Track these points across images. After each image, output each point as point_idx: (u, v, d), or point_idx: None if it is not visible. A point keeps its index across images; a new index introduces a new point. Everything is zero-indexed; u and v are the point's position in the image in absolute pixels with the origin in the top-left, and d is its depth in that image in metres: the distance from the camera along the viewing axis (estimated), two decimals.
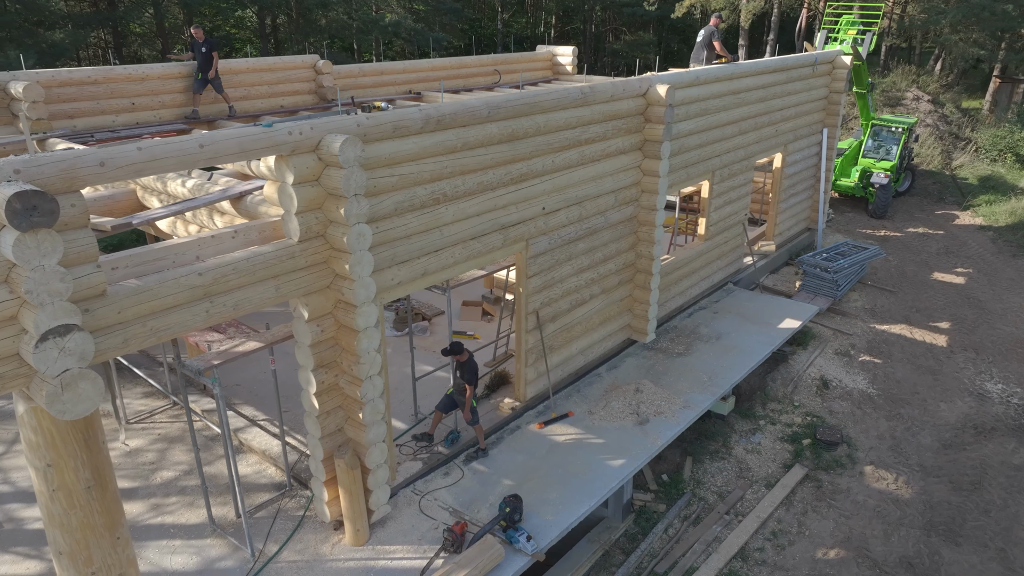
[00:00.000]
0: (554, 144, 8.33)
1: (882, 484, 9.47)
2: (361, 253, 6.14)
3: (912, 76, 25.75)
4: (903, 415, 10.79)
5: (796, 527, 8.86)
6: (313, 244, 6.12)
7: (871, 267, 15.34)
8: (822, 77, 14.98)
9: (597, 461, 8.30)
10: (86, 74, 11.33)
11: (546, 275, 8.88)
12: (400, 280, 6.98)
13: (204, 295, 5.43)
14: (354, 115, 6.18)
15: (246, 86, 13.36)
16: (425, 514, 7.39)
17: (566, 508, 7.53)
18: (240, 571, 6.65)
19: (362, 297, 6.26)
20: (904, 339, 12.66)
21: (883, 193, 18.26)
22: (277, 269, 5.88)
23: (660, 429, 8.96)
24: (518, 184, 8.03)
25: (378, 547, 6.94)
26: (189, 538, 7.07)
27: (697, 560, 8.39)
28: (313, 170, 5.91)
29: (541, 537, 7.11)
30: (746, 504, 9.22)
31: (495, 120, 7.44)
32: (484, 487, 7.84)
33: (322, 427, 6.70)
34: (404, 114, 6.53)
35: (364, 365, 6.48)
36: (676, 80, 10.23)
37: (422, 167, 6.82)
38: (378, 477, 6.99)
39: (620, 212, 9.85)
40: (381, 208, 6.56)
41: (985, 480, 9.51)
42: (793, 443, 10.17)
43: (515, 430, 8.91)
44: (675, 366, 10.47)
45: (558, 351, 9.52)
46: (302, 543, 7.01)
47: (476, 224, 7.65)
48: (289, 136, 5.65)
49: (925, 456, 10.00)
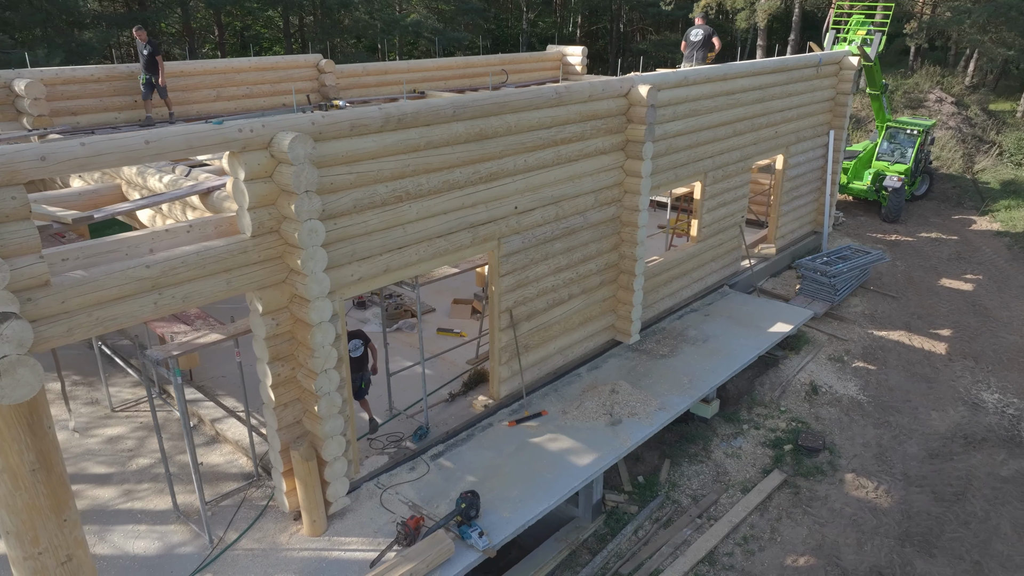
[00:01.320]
0: (527, 143, 8.36)
1: (861, 492, 9.31)
2: (313, 249, 6.26)
3: (937, 77, 25.13)
4: (892, 423, 10.59)
5: (768, 533, 8.76)
6: (267, 239, 6.25)
7: (876, 272, 15.06)
8: (828, 78, 14.75)
9: (563, 460, 8.31)
10: (89, 72, 11.69)
11: (520, 274, 8.91)
12: (361, 276, 7.09)
13: (152, 287, 5.59)
14: (309, 113, 6.30)
15: (249, 84, 13.64)
16: (385, 508, 7.49)
17: (525, 506, 7.56)
18: (198, 557, 6.83)
19: (315, 292, 6.38)
20: (902, 346, 12.41)
21: (896, 196, 17.89)
22: (229, 263, 6.02)
23: (632, 430, 8.94)
24: (488, 183, 8.08)
25: (334, 538, 7.06)
26: (154, 524, 7.27)
27: (664, 563, 8.35)
28: (266, 167, 6.04)
29: (496, 534, 7.15)
30: (720, 508, 9.14)
31: (461, 119, 7.50)
32: (447, 483, 7.92)
33: (279, 419, 6.84)
34: (362, 112, 6.63)
35: (319, 359, 6.60)
36: (662, 80, 10.19)
37: (382, 165, 6.91)
38: (335, 470, 7.11)
39: (601, 212, 9.84)
40: (339, 205, 6.67)
41: (969, 491, 9.29)
42: (774, 448, 10.05)
43: (487, 427, 8.97)
44: (657, 368, 10.42)
45: (534, 350, 9.54)
46: (261, 532, 7.16)
47: (443, 222, 7.72)
48: (239, 133, 5.78)
49: (910, 465, 9.80)
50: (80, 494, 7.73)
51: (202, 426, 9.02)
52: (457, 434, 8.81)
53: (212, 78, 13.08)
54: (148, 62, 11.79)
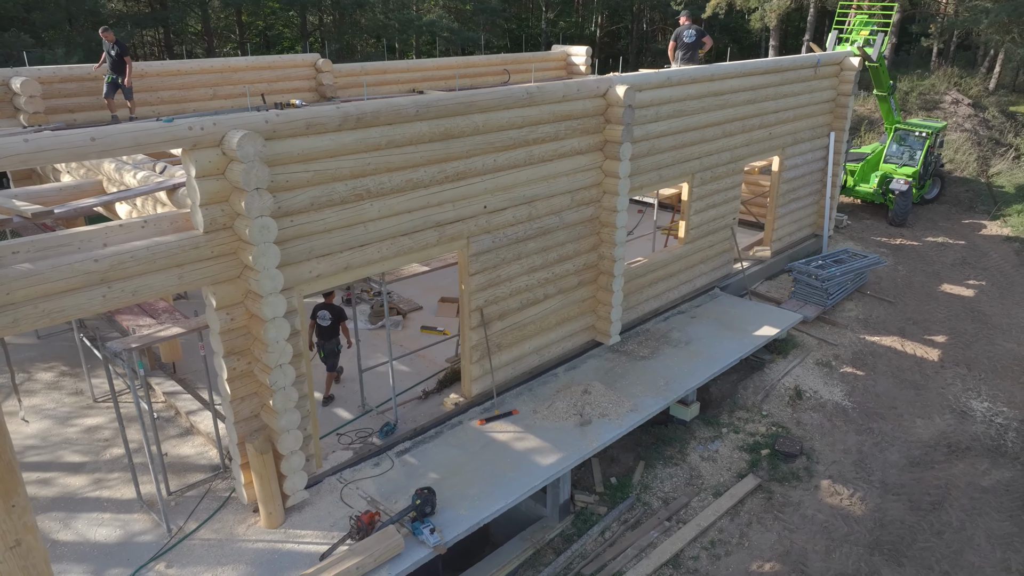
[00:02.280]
0: (496, 143, 8.39)
1: (835, 499, 9.19)
2: (265, 245, 6.36)
3: (954, 79, 24.61)
4: (874, 430, 10.42)
5: (737, 538, 8.69)
6: (220, 235, 6.36)
7: (876, 276, 14.81)
8: (828, 79, 14.54)
9: (527, 460, 8.33)
10: (86, 71, 11.99)
11: (491, 273, 8.94)
12: (320, 273, 7.18)
13: (100, 281, 5.73)
14: (264, 111, 6.40)
15: (246, 83, 13.85)
16: (344, 502, 7.58)
17: (482, 504, 7.60)
18: (156, 546, 6.97)
19: (268, 288, 6.48)
20: (893, 352, 12.20)
21: (903, 200, 17.56)
22: (181, 258, 6.14)
23: (600, 431, 8.92)
24: (455, 182, 8.12)
25: (290, 531, 7.17)
26: (118, 512, 7.44)
27: (627, 565, 8.33)
28: (217, 164, 6.15)
29: (450, 531, 7.20)
30: (690, 511, 9.09)
31: (425, 119, 7.55)
32: (409, 479, 7.98)
33: (235, 412, 6.96)
34: (319, 111, 6.72)
35: (273, 354, 6.70)
36: (643, 81, 10.15)
37: (341, 163, 6.99)
38: (292, 463, 7.21)
39: (578, 212, 9.83)
40: (295, 202, 6.77)
41: (947, 501, 9.11)
42: (751, 453, 9.95)
43: (456, 425, 9.01)
44: (635, 369, 10.38)
45: (508, 349, 9.56)
46: (220, 523, 7.29)
47: (407, 220, 7.78)
48: (189, 131, 5.90)
49: (889, 473, 9.64)
50: (51, 482, 7.94)
51: (178, 418, 9.20)
52: (425, 431, 8.87)
53: (209, 77, 13.31)
54: (116, 63, 11.76)
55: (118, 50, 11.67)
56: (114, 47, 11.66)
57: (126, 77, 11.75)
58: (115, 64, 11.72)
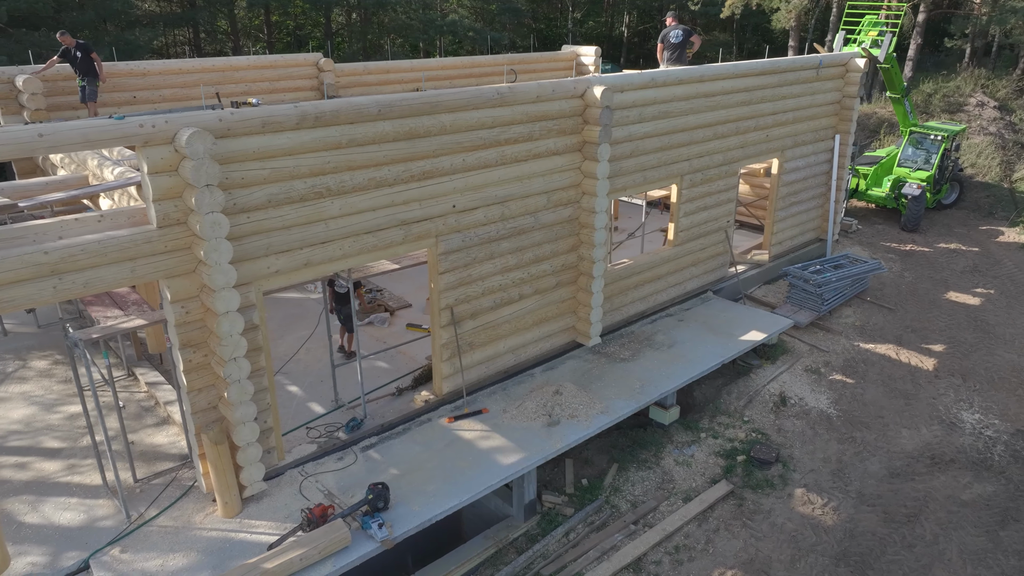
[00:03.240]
0: (465, 143, 8.43)
1: (807, 508, 9.03)
2: (217, 241, 6.50)
3: (981, 80, 23.88)
4: (857, 439, 10.21)
5: (702, 544, 8.60)
6: (174, 230, 6.53)
7: (879, 282, 14.49)
8: (833, 80, 14.27)
9: (488, 458, 8.37)
10: None
11: (462, 272, 8.99)
12: (278, 269, 7.31)
13: (51, 272, 5.93)
14: (219, 110, 6.55)
15: (247, 82, 14.13)
16: (303, 495, 7.71)
17: (437, 501, 7.66)
18: (115, 531, 7.18)
19: (220, 283, 6.62)
20: (887, 360, 11.93)
21: (915, 205, 17.13)
22: (133, 252, 6.32)
23: (567, 432, 8.91)
24: (421, 181, 8.19)
25: (245, 521, 7.31)
26: (85, 497, 7.67)
27: (588, 566, 8.30)
28: (170, 161, 6.31)
29: (401, 526, 7.28)
30: (658, 516, 9.02)
31: (389, 118, 7.63)
32: (370, 474, 8.08)
33: (192, 403, 7.13)
34: (276, 110, 6.84)
35: (226, 347, 6.85)
36: (626, 82, 10.10)
37: (299, 161, 7.11)
38: (248, 455, 7.35)
39: (555, 213, 9.82)
40: (252, 199, 6.91)
41: (923, 513, 8.89)
42: (727, 459, 9.83)
43: (425, 423, 9.09)
44: (613, 371, 10.33)
45: (481, 348, 9.61)
46: (180, 511, 7.47)
47: (370, 218, 7.87)
48: (140, 129, 6.07)
49: (867, 483, 9.44)
50: (27, 466, 8.22)
51: (157, 408, 9.44)
52: (393, 427, 8.96)
53: (212, 75, 13.60)
54: (83, 64, 11.40)
55: (81, 53, 11.37)
56: (77, 49, 11.39)
57: (100, 74, 11.49)
58: (83, 66, 11.38)
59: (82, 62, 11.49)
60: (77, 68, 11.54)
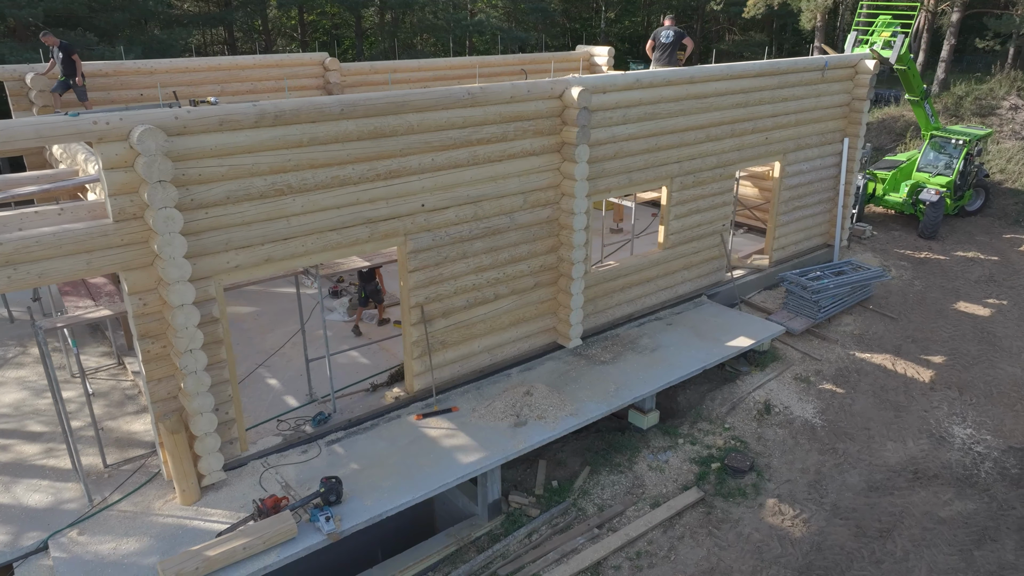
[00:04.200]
0: (434, 143, 8.49)
1: (776, 519, 8.85)
2: (171, 235, 6.68)
3: (1018, 82, 22.95)
4: (839, 450, 9.96)
5: (665, 551, 8.51)
6: (131, 224, 6.73)
7: (885, 290, 14.08)
8: (841, 82, 13.92)
9: (449, 457, 8.41)
10: (98, 67, 12.74)
11: (432, 271, 9.05)
12: (239, 264, 7.47)
13: (6, 263, 6.17)
14: (176, 108, 6.72)
15: (253, 81, 14.43)
16: (262, 485, 7.86)
17: (390, 497, 7.74)
18: (77, 513, 7.43)
19: (174, 276, 6.80)
20: (882, 370, 11.59)
21: (933, 211, 16.58)
22: (89, 245, 6.54)
23: (532, 433, 8.91)
24: (388, 180, 8.27)
25: (202, 509, 7.50)
26: (56, 480, 7.96)
27: (546, 568, 8.28)
28: (125, 157, 6.51)
29: (351, 520, 7.37)
30: (624, 520, 8.95)
31: (352, 117, 7.73)
32: (331, 468, 8.20)
33: (152, 392, 7.34)
34: (234, 108, 6.99)
35: (182, 339, 7.03)
36: (608, 83, 10.03)
37: (259, 159, 7.25)
38: (206, 445, 7.53)
39: (533, 214, 9.81)
40: (210, 195, 7.07)
41: (897, 529, 8.63)
42: (702, 465, 9.69)
43: (394, 419, 9.18)
44: (590, 374, 10.28)
45: (454, 347, 9.65)
46: (141, 497, 7.70)
47: (334, 216, 7.98)
48: (94, 126, 6.28)
49: (843, 496, 9.20)
50: (9, 448, 8.56)
51: (140, 396, 9.73)
52: (362, 423, 9.07)
53: (217, 74, 13.93)
54: (65, 64, 11.64)
55: (62, 53, 11.63)
56: (59, 49, 11.66)
57: (77, 76, 11.72)
58: (65, 66, 11.68)
59: (64, 62, 11.75)
60: (61, 67, 11.85)
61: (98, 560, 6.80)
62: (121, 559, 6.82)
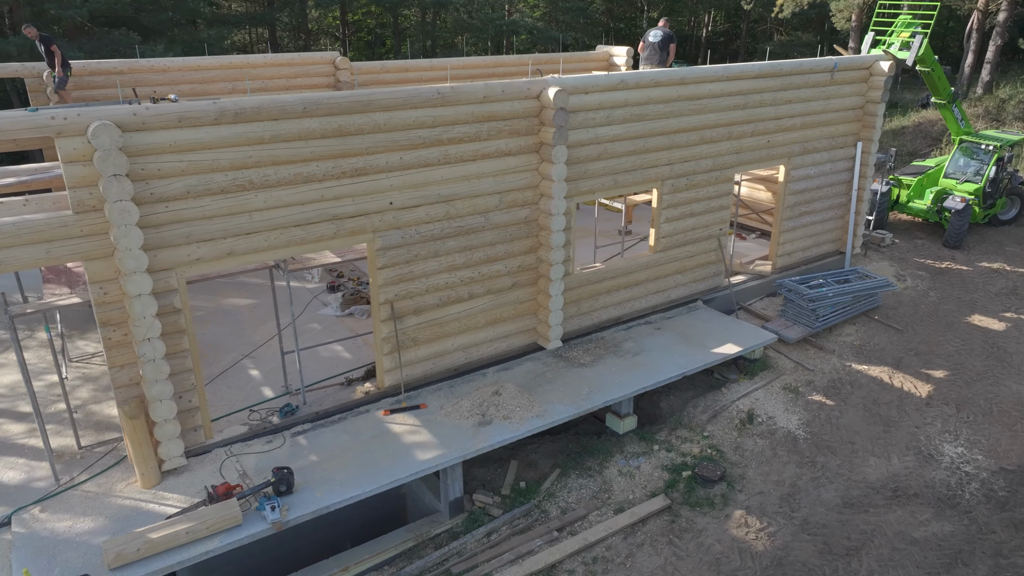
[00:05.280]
0: (402, 142, 8.56)
1: (742, 531, 8.64)
2: (127, 228, 6.93)
3: None
4: (819, 464, 9.66)
5: (622, 557, 8.40)
6: (91, 216, 6.99)
7: (896, 301, 13.57)
8: (853, 84, 13.47)
9: (408, 453, 8.49)
10: (112, 65, 13.25)
11: (402, 268, 9.14)
12: (200, 257, 7.69)
13: None
14: (135, 104, 6.97)
15: (264, 79, 14.79)
16: (221, 473, 8.08)
17: (341, 490, 7.85)
18: (44, 491, 7.77)
19: (131, 266, 7.05)
20: (877, 383, 11.18)
21: (958, 220, 15.90)
22: (48, 235, 6.82)
23: (495, 432, 8.91)
24: (354, 178, 8.39)
25: (159, 492, 7.75)
26: (31, 459, 8.34)
27: (500, 568, 8.28)
28: (83, 151, 6.77)
29: (298, 510, 7.50)
30: (586, 524, 8.87)
31: (315, 115, 7.87)
32: (291, 458, 8.37)
33: (115, 379, 7.62)
34: (193, 106, 7.21)
35: (140, 328, 7.28)
36: (590, 83, 9.95)
37: (219, 155, 7.45)
38: (165, 431, 7.78)
39: (510, 214, 9.80)
40: (170, 189, 7.30)
41: (866, 548, 8.32)
42: (673, 473, 9.54)
43: (362, 413, 9.31)
44: (566, 376, 10.22)
45: (427, 345, 9.72)
46: (106, 478, 8.00)
47: (298, 212, 8.14)
48: (52, 121, 6.56)
49: (816, 511, 8.93)
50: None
51: None
52: (330, 416, 9.22)
53: (229, 72, 14.33)
54: (48, 56, 11.90)
55: (43, 45, 11.91)
56: (40, 42, 11.96)
57: (55, 67, 11.99)
58: (48, 58, 11.97)
59: (47, 54, 12.11)
60: (45, 59, 12.20)
61: (53, 537, 7.10)
62: (74, 537, 7.10)
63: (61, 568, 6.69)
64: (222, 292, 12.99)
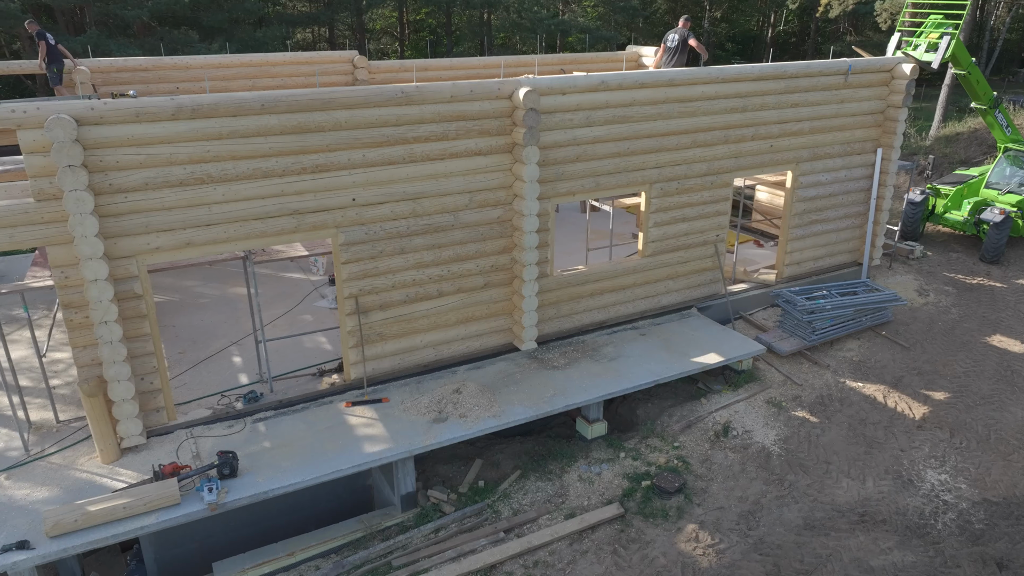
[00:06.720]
0: (365, 139, 8.72)
1: (690, 546, 8.40)
2: (82, 216, 7.32)
3: None
4: (787, 482, 9.28)
5: (564, 563, 8.32)
6: (51, 204, 7.43)
7: (911, 316, 12.87)
8: (872, 88, 12.84)
9: (356, 445, 8.64)
10: (138, 62, 13.96)
11: (367, 264, 9.30)
12: (159, 246, 8.04)
13: None
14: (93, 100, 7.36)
15: (283, 77, 15.28)
16: (176, 453, 8.44)
17: (283, 477, 8.07)
18: (13, 460, 8.31)
19: (87, 253, 7.45)
20: (869, 402, 10.64)
21: (996, 232, 14.93)
22: (11, 221, 7.29)
23: (447, 430, 8.97)
24: (315, 174, 8.60)
25: (116, 468, 8.16)
26: (12, 430, 8.92)
27: (439, 565, 8.33)
28: (42, 143, 7.20)
29: (236, 494, 7.76)
30: (534, 527, 8.82)
31: (274, 112, 8.11)
32: (246, 443, 8.65)
33: (77, 359, 8.07)
34: (150, 101, 7.55)
35: (96, 312, 7.68)
36: (568, 84, 9.87)
37: (177, 149, 7.78)
38: (123, 410, 8.18)
39: (480, 214, 9.83)
40: (128, 181, 7.67)
41: (817, 572, 7.95)
42: (633, 482, 9.36)
43: (325, 404, 9.53)
44: (536, 378, 10.18)
45: (394, 340, 9.86)
46: (73, 452, 8.47)
47: (257, 206, 8.40)
48: (11, 114, 7.01)
49: (774, 531, 8.59)
50: None
51: None
52: (293, 404, 9.48)
53: (248, 70, 14.87)
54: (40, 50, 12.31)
55: (39, 39, 12.31)
56: (37, 37, 12.41)
57: (39, 61, 12.38)
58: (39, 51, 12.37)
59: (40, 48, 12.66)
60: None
61: (10, 503, 7.58)
62: (29, 504, 7.56)
63: (7, 533, 7.14)
64: (230, 281, 13.50)
